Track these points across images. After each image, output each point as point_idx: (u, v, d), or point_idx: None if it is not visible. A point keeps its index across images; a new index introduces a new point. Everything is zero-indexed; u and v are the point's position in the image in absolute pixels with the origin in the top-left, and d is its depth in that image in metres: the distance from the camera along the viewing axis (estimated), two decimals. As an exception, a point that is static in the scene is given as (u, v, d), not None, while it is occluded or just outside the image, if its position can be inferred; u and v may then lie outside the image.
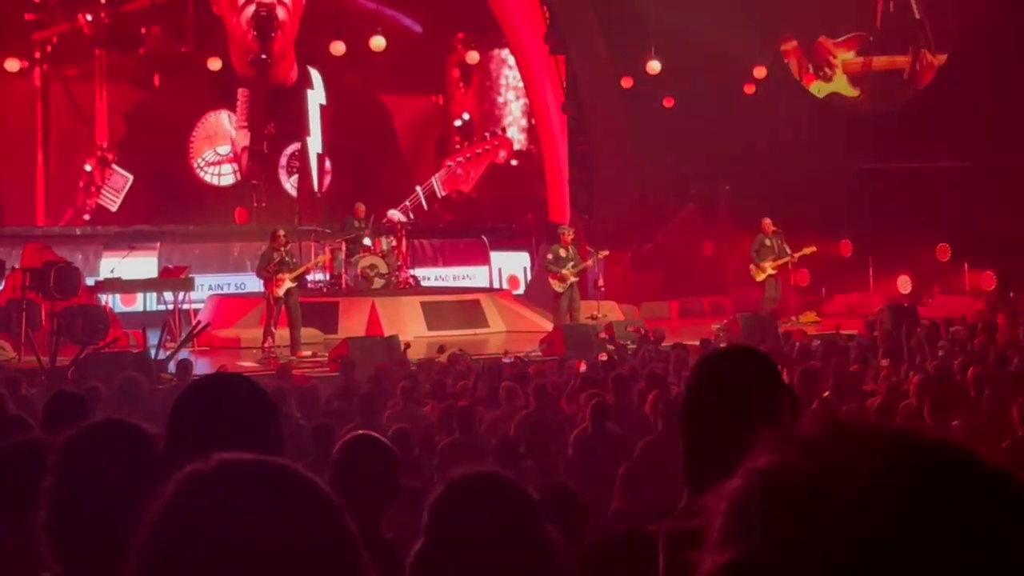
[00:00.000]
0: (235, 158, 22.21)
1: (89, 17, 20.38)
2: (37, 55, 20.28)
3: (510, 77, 25.30)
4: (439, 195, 23.95)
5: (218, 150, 22.09)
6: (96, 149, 20.93)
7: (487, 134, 25.29)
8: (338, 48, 23.00)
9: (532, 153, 25.37)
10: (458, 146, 24.00)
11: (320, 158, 22.92)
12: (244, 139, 22.59)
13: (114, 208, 21.10)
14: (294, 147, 23.06)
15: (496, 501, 2.78)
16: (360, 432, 4.41)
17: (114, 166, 21.12)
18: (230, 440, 1.51)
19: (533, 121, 26.18)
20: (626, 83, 26.36)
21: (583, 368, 13.79)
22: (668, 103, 26.47)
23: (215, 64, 22.26)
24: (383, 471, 4.06)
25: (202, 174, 22.04)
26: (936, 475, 1.14)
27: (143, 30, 21.25)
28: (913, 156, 27.01)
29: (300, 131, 22.53)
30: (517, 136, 25.60)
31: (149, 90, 21.32)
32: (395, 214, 22.76)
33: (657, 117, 26.53)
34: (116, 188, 21.12)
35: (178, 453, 1.92)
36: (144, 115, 21.41)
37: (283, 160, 22.86)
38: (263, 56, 21.83)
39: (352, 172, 23.38)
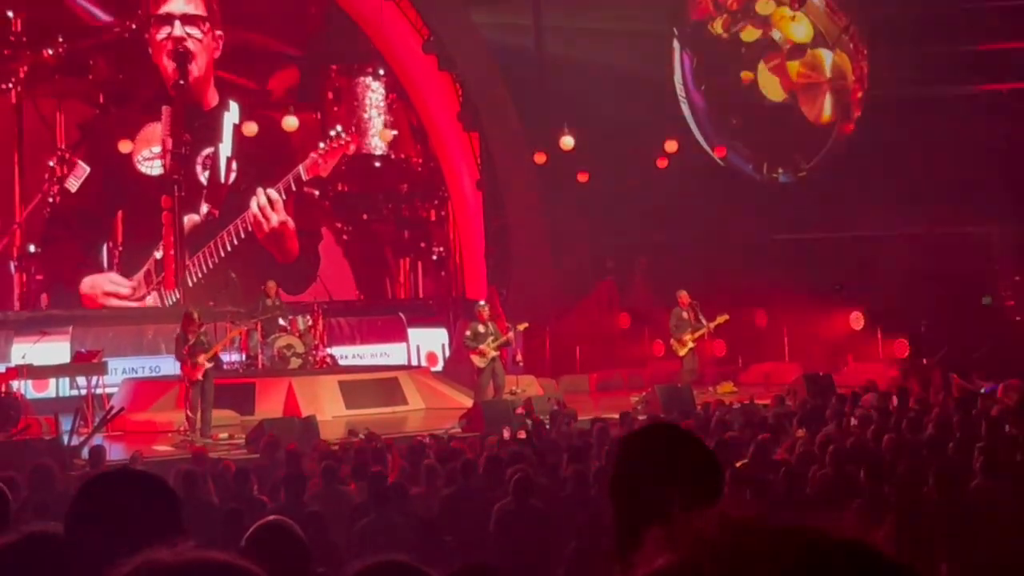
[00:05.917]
0: (162, 155, 27.14)
1: (51, 51, 26.02)
2: (12, 80, 25.80)
3: (373, 98, 29.36)
4: (303, 179, 27.65)
5: (152, 149, 26.97)
6: (57, 150, 26.18)
7: (339, 135, 27.98)
8: (250, 129, 25.50)
9: (391, 158, 29.68)
10: (321, 144, 28.06)
11: (228, 160, 27.60)
12: (168, 144, 27.23)
13: (74, 190, 26.10)
14: (210, 150, 27.50)
15: None
16: (271, 519, 4.31)
17: (79, 161, 26.20)
18: (131, 535, 1.48)
19: (395, 133, 29.36)
20: (539, 159, 26.53)
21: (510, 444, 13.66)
22: (582, 177, 26.67)
23: (126, 147, 26.15)
24: (292, 559, 3.96)
25: (140, 167, 26.81)
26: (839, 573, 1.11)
27: (91, 62, 26.71)
28: (825, 226, 27.36)
29: (214, 139, 27.52)
30: (379, 144, 29.16)
31: (97, 107, 26.96)
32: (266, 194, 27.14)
33: (571, 192, 26.73)
34: (77, 176, 26.13)
35: (79, 548, 1.88)
36: (98, 128, 26.85)
37: (199, 159, 27.51)
38: (181, 81, 26.85)
39: (254, 174, 27.82)
